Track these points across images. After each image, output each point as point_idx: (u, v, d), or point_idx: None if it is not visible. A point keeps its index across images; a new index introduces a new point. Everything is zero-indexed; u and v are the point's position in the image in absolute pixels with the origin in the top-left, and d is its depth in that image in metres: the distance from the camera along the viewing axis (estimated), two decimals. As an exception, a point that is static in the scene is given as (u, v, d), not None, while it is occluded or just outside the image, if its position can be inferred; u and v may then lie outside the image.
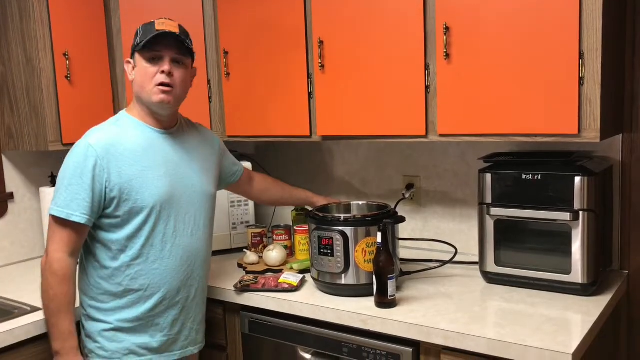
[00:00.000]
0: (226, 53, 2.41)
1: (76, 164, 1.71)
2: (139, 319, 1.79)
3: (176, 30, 1.78)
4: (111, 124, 1.81)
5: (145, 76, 1.76)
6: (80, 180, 1.69)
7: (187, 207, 1.83)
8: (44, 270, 1.72)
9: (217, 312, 2.15)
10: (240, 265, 2.32)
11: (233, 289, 2.06)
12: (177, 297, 1.83)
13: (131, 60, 1.82)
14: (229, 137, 2.48)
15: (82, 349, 1.80)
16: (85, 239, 1.76)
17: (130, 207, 1.73)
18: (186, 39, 1.80)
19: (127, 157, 1.74)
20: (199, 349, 1.97)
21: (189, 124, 1.98)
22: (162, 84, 1.75)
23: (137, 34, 1.80)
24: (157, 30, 1.74)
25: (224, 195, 2.50)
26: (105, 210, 1.74)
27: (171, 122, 1.87)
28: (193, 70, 1.89)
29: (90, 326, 1.80)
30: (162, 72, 1.75)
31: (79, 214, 1.69)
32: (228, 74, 2.42)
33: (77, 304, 1.80)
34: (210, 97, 2.48)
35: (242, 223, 2.55)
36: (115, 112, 2.44)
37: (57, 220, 1.71)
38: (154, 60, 1.76)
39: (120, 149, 1.74)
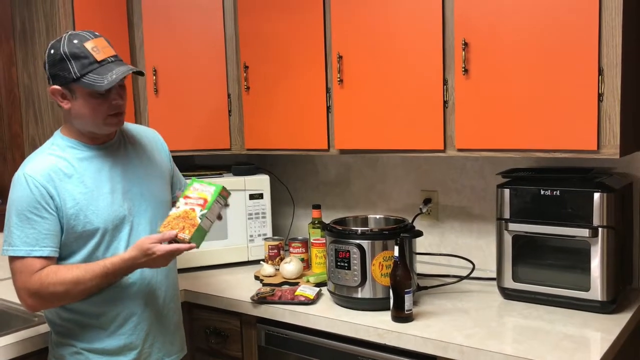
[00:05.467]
0: (246, 67, 2.44)
1: (20, 199, 1.61)
2: (109, 341, 1.71)
3: (110, 50, 1.64)
4: (46, 149, 1.70)
5: (93, 111, 1.63)
6: (30, 214, 1.60)
7: (140, 219, 1.74)
8: (34, 301, 1.61)
9: (234, 324, 2.16)
10: (257, 278, 2.33)
11: (250, 300, 2.07)
12: (145, 313, 1.75)
13: (61, 89, 1.63)
14: (248, 149, 2.50)
15: None
16: None
17: (80, 232, 1.64)
18: (119, 56, 1.66)
19: (68, 180, 1.64)
20: (177, 359, 1.88)
21: (129, 129, 1.86)
22: (114, 114, 1.66)
23: (63, 59, 1.59)
24: (100, 63, 1.59)
25: (241, 207, 2.52)
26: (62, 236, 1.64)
27: (109, 135, 1.75)
28: None
29: (61, 349, 1.72)
30: (115, 104, 1.64)
31: (39, 248, 1.60)
32: (248, 87, 2.45)
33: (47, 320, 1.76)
34: (230, 111, 2.51)
35: (259, 235, 2.56)
36: (136, 125, 2.48)
37: (16, 260, 1.61)
38: (102, 93, 1.61)
39: (60, 174, 1.64)
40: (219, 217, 1.79)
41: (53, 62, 1.62)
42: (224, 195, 1.74)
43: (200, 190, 1.73)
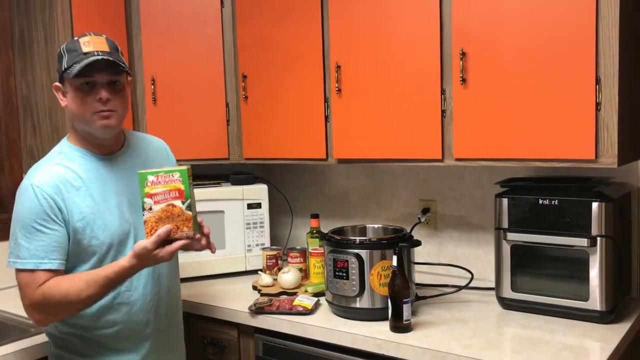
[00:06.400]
0: (245, 77, 2.45)
1: (28, 210, 1.58)
2: (111, 357, 1.68)
3: (105, 47, 1.61)
4: (53, 158, 1.67)
5: (80, 105, 1.60)
6: (39, 225, 1.57)
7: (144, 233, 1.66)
8: (40, 315, 1.59)
9: (232, 334, 2.14)
10: (254, 288, 2.32)
11: (247, 311, 2.06)
12: (147, 330, 1.73)
13: (61, 86, 1.64)
14: (246, 159, 2.50)
15: None
16: None
17: (85, 246, 1.62)
18: (117, 54, 1.64)
19: (75, 192, 1.62)
20: None
21: (137, 138, 1.84)
22: (101, 111, 1.61)
23: (61, 55, 1.62)
24: (85, 54, 1.57)
25: (239, 217, 2.52)
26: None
27: (116, 144, 1.74)
28: (129, 83, 1.74)
29: None
30: (99, 99, 1.60)
31: (48, 260, 1.57)
32: (246, 97, 2.46)
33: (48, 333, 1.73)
34: (228, 120, 2.51)
35: (257, 245, 2.55)
36: (134, 134, 2.48)
37: (24, 274, 1.57)
38: (87, 85, 1.59)
39: (68, 186, 1.61)
40: None
41: (57, 59, 1.64)
42: (190, 174, 1.61)
43: (164, 182, 1.57)
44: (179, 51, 2.48)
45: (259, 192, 2.56)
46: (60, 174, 1.62)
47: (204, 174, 2.90)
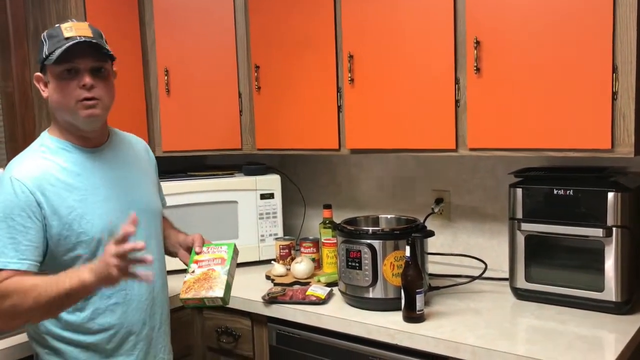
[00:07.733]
0: (257, 67, 2.44)
1: (5, 204, 1.47)
2: None
3: (88, 33, 1.54)
4: (35, 151, 1.58)
5: (63, 93, 1.53)
6: (12, 221, 1.46)
7: (136, 229, 1.53)
8: None
9: (245, 324, 2.16)
10: (268, 277, 2.33)
11: (261, 300, 2.07)
12: (144, 331, 1.67)
13: (42, 76, 1.57)
14: (259, 149, 2.51)
15: None
16: None
17: (73, 242, 1.53)
18: (101, 40, 1.57)
19: (61, 186, 1.53)
20: None
21: (119, 135, 1.78)
22: (85, 99, 1.53)
23: (42, 42, 1.55)
24: (67, 39, 1.50)
25: (252, 207, 2.53)
26: (47, 249, 1.52)
27: (101, 138, 1.67)
28: (114, 73, 1.65)
29: None
30: (83, 85, 1.53)
31: (17, 260, 1.45)
32: (259, 87, 2.46)
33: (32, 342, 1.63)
34: (241, 111, 2.52)
35: (270, 235, 2.56)
36: (149, 127, 2.49)
37: None
38: (69, 73, 1.52)
39: (52, 180, 1.52)
40: None
41: (38, 48, 1.58)
42: (236, 252, 1.79)
43: (212, 252, 1.75)
44: (191, 41, 2.48)
45: (272, 182, 2.57)
46: (44, 168, 1.54)
47: (217, 164, 2.91)
